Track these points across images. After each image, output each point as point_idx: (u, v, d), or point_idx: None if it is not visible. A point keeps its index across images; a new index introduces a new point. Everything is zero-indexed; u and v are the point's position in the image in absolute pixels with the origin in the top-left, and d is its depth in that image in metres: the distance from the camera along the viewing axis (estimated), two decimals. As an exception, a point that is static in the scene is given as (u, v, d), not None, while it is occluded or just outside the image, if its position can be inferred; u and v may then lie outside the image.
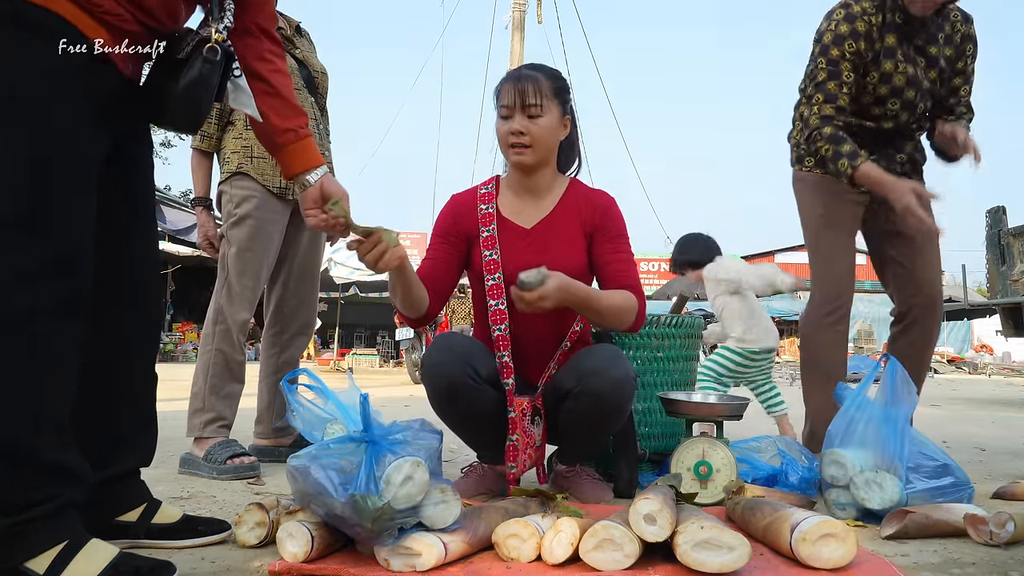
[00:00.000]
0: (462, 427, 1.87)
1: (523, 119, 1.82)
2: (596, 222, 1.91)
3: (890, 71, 2.19)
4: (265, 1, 1.48)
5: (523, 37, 13.21)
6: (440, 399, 1.78)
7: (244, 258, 2.28)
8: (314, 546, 1.24)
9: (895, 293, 2.41)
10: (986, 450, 3.06)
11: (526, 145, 1.83)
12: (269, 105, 1.45)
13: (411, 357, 8.50)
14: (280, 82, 1.47)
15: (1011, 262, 5.60)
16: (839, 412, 1.74)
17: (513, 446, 1.74)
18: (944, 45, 2.28)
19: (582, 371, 1.74)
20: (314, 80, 2.49)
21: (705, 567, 1.19)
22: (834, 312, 2.27)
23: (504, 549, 1.28)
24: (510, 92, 1.83)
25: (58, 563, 1.09)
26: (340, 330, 15.21)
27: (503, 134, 1.85)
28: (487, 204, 1.93)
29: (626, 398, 1.76)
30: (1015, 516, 1.46)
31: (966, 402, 6.46)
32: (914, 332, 2.35)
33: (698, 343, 2.32)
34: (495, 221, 1.90)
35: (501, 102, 1.86)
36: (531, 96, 1.82)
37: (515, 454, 1.74)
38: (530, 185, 1.92)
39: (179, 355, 14.00)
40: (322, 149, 2.46)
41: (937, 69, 2.28)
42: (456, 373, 1.72)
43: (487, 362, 1.79)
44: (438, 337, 1.82)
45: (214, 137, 2.34)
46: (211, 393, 2.26)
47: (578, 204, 1.93)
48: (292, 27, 2.50)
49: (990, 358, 16.61)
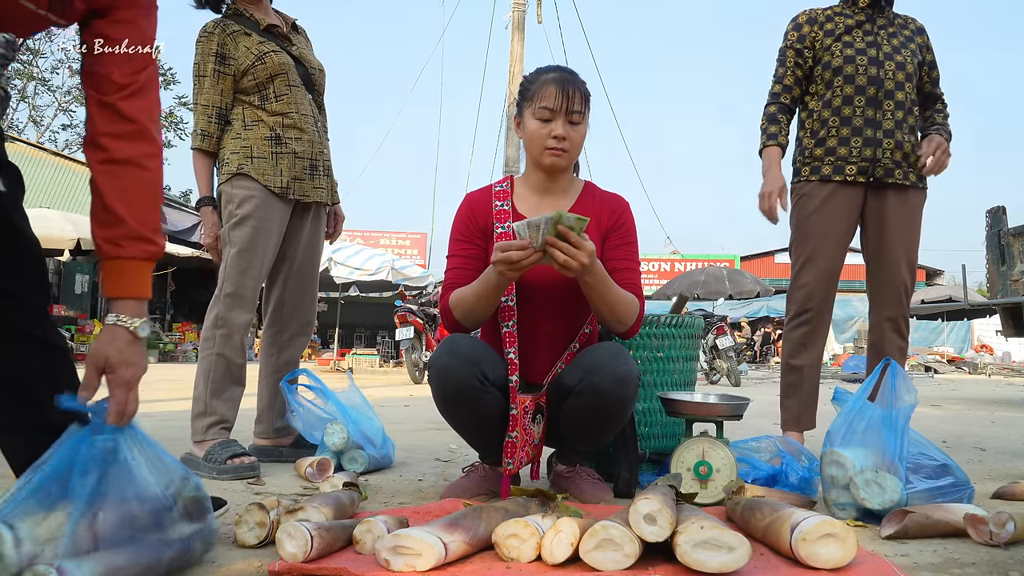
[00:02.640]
0: (467, 429, 1.87)
1: (565, 124, 1.83)
2: (611, 225, 1.94)
3: (829, 59, 2.52)
4: (124, 59, 1.19)
5: (523, 37, 13.21)
6: (446, 401, 1.78)
7: (245, 258, 2.28)
8: (314, 546, 1.24)
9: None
10: (986, 450, 3.05)
11: (564, 150, 1.85)
12: (94, 200, 1.20)
13: (411, 357, 8.49)
14: (105, 184, 1.18)
15: (1011, 262, 5.59)
16: (840, 412, 1.75)
17: (512, 443, 1.74)
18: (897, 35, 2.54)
19: (586, 368, 1.75)
20: (311, 77, 2.48)
21: (705, 567, 1.19)
22: (799, 316, 2.53)
23: (504, 549, 1.28)
24: (556, 96, 1.82)
25: None
26: (340, 330, 15.20)
27: (541, 135, 1.84)
28: (502, 201, 1.94)
29: (629, 396, 1.76)
30: (1015, 516, 1.46)
31: (966, 402, 6.46)
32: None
33: (698, 343, 2.33)
34: (511, 219, 1.90)
35: (542, 103, 1.83)
36: (577, 103, 1.83)
37: (512, 451, 1.74)
38: (552, 186, 1.94)
39: (179, 355, 13.99)
40: (321, 147, 2.46)
41: (892, 48, 2.51)
42: (463, 376, 1.72)
43: (494, 364, 1.78)
44: (445, 339, 1.81)
45: (215, 137, 2.33)
46: (212, 397, 2.26)
47: (594, 206, 1.95)
48: (288, 24, 2.49)
49: (990, 358, 16.60)
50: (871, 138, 2.46)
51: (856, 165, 2.48)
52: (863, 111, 2.47)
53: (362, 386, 2.71)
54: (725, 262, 21.44)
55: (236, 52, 2.30)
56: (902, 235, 2.48)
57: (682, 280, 13.42)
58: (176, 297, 17.15)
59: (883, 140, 2.46)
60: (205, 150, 2.32)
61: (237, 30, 2.32)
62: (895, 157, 2.46)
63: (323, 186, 2.46)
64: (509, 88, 13.07)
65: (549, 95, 1.82)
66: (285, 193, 2.34)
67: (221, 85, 2.30)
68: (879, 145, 2.46)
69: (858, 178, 2.48)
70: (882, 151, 2.46)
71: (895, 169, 2.47)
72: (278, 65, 2.33)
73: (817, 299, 2.51)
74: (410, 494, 1.96)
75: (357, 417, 2.31)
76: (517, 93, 1.93)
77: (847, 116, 2.49)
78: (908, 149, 2.48)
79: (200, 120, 2.30)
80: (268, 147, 2.33)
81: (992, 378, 13.27)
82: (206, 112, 2.30)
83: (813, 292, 2.51)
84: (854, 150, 2.48)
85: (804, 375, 2.53)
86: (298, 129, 2.37)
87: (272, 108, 2.34)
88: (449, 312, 1.84)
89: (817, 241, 2.51)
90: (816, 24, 2.57)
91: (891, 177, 2.47)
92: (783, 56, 2.60)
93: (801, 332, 2.53)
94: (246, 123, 2.34)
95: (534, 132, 1.85)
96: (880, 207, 2.50)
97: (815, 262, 2.51)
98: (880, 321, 2.53)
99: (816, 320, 2.52)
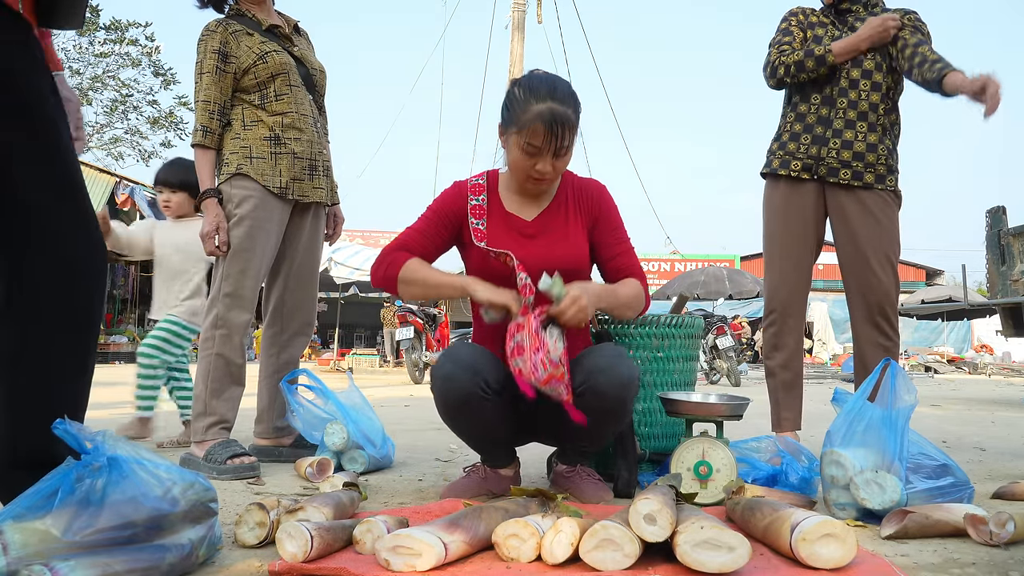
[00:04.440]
0: (469, 435, 1.87)
1: (550, 159, 1.80)
2: (595, 212, 1.95)
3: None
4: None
5: (523, 37, 13.23)
6: (450, 410, 1.79)
7: (244, 258, 2.28)
8: (313, 546, 1.24)
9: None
10: (986, 450, 3.05)
11: (547, 180, 1.85)
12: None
13: (411, 357, 8.49)
14: None
15: (1011, 262, 5.59)
16: (839, 412, 1.75)
17: (519, 345, 1.66)
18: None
19: (587, 370, 1.75)
20: (312, 78, 2.49)
21: (705, 567, 1.19)
22: (767, 317, 2.59)
23: (504, 549, 1.28)
24: (545, 138, 1.76)
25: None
26: (340, 330, 15.20)
27: (525, 167, 1.82)
28: (477, 196, 1.94)
29: (629, 397, 1.77)
30: (1015, 516, 1.46)
31: (966, 402, 6.46)
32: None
33: (698, 343, 2.32)
34: (485, 216, 1.91)
35: (529, 139, 1.76)
36: (565, 140, 1.78)
37: (519, 351, 1.66)
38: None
39: (179, 355, 13.93)
40: (320, 147, 2.46)
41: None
42: (467, 385, 1.72)
43: (496, 371, 1.78)
44: (447, 349, 1.82)
45: (216, 133, 2.33)
46: (212, 397, 2.26)
47: (574, 194, 1.97)
48: (290, 26, 2.50)
49: (990, 358, 16.61)
50: (819, 136, 2.48)
51: (801, 161, 2.50)
52: (817, 109, 2.50)
53: (362, 386, 2.71)
54: (725, 262, 21.42)
55: (238, 51, 2.31)
56: (866, 236, 2.45)
57: (682, 280, 13.43)
58: (176, 297, 17.10)
59: (830, 139, 2.46)
60: (206, 146, 2.32)
61: (239, 29, 2.33)
62: (842, 157, 2.46)
63: (322, 186, 2.46)
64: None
65: (537, 134, 1.75)
66: (284, 193, 2.34)
67: (222, 83, 2.30)
68: (825, 144, 2.47)
69: (802, 175, 2.50)
70: (827, 150, 2.47)
71: (840, 169, 2.46)
72: (279, 65, 2.34)
73: (780, 299, 2.53)
74: (410, 494, 1.96)
75: (357, 417, 2.31)
76: (503, 104, 1.86)
77: (802, 113, 2.53)
78: (861, 149, 2.45)
79: (201, 116, 2.31)
80: (267, 147, 2.33)
81: (992, 378, 13.27)
82: (207, 108, 2.30)
83: (775, 293, 2.54)
84: (802, 146, 2.50)
85: (777, 376, 2.55)
86: (297, 129, 2.37)
87: (272, 108, 2.34)
88: (393, 268, 1.82)
89: (777, 243, 2.55)
90: (805, 16, 2.62)
91: (835, 177, 2.47)
92: (786, 30, 2.59)
93: (770, 333, 2.56)
94: (245, 123, 2.34)
95: (518, 161, 1.82)
96: (841, 210, 2.50)
97: (776, 264, 2.55)
98: (858, 326, 2.51)
99: (781, 321, 2.54)
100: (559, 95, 1.78)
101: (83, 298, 1.31)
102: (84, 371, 1.34)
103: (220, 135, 2.34)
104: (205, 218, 2.30)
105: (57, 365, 1.29)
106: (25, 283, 1.26)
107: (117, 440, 1.14)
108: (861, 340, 2.51)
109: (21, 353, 1.27)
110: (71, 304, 1.29)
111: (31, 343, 1.27)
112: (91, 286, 1.32)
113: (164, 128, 22.34)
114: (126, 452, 1.14)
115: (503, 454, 1.90)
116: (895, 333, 2.49)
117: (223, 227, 2.28)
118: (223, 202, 2.32)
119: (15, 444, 1.27)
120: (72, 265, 1.29)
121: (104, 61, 21.17)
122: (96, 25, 20.23)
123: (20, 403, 1.27)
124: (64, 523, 1.05)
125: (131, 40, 20.79)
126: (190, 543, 1.20)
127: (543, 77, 1.84)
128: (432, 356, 8.88)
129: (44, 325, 1.27)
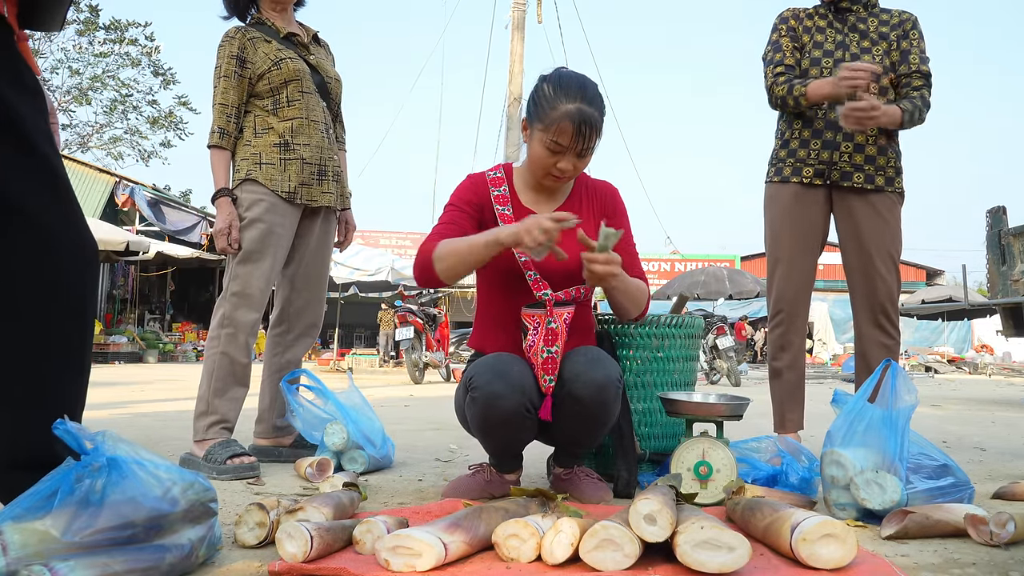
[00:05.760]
0: (497, 447, 1.84)
1: (573, 159, 1.81)
2: (607, 213, 1.97)
3: (809, 48, 2.54)
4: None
5: (523, 37, 13.21)
6: (489, 426, 1.74)
7: (253, 259, 2.30)
8: (313, 546, 1.24)
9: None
10: (986, 450, 3.05)
11: (566, 178, 1.86)
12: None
13: (411, 357, 8.49)
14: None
15: (1011, 262, 5.59)
16: (840, 413, 1.75)
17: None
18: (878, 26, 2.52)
19: (565, 376, 1.75)
20: (327, 86, 2.52)
21: (705, 567, 1.19)
22: (774, 318, 2.59)
23: (504, 549, 1.28)
24: (572, 138, 1.76)
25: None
26: (340, 330, 15.21)
27: (546, 163, 1.81)
28: (498, 188, 1.94)
29: (609, 400, 1.75)
30: (1015, 516, 1.46)
31: (966, 402, 6.46)
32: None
33: (698, 343, 2.33)
34: (509, 204, 1.91)
35: (556, 137, 1.76)
36: (590, 142, 1.79)
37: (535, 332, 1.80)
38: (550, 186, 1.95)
39: (179, 355, 13.98)
40: (330, 153, 2.49)
41: (869, 41, 2.51)
42: (515, 406, 1.69)
43: (536, 388, 1.77)
44: (489, 361, 1.76)
45: (232, 135, 2.36)
46: (215, 396, 2.27)
47: (588, 193, 1.99)
48: (309, 35, 2.54)
49: (990, 358, 16.63)
50: (829, 141, 2.46)
51: (813, 167, 2.49)
52: (825, 114, 2.47)
53: (362, 386, 2.71)
54: (725, 262, 21.44)
55: (255, 57, 2.35)
56: (873, 237, 2.46)
57: (682, 280, 13.44)
58: (176, 297, 17.17)
59: (841, 143, 2.45)
60: (222, 147, 2.35)
61: (257, 36, 2.38)
62: (854, 160, 2.45)
63: (331, 191, 2.48)
64: (509, 88, 13.07)
65: (565, 133, 1.76)
66: (292, 198, 2.37)
67: (239, 87, 2.35)
68: (836, 148, 2.46)
69: (815, 180, 2.49)
70: (839, 154, 2.46)
71: (853, 173, 2.46)
72: (293, 71, 2.37)
73: (787, 300, 2.53)
74: (410, 494, 1.96)
75: (357, 417, 2.31)
76: (531, 99, 1.86)
77: (809, 118, 2.51)
78: (872, 152, 2.45)
79: (219, 119, 2.34)
80: (277, 154, 2.36)
81: (992, 378, 13.28)
82: (224, 111, 2.34)
83: (783, 294, 2.54)
84: (812, 152, 2.49)
85: (784, 376, 2.55)
86: (307, 135, 2.40)
87: (284, 113, 2.38)
88: (426, 255, 1.76)
89: (784, 244, 2.54)
90: (798, 20, 2.58)
91: (848, 181, 2.46)
92: (776, 45, 2.56)
93: (777, 333, 2.56)
94: (256, 131, 2.38)
95: (540, 157, 1.82)
96: (848, 212, 2.50)
97: (783, 265, 2.54)
98: (862, 327, 2.52)
99: (789, 322, 2.54)
100: (588, 96, 1.79)
101: (76, 296, 1.31)
102: (81, 370, 1.34)
103: (237, 136, 2.38)
104: (218, 216, 2.33)
105: (54, 365, 1.29)
106: (17, 284, 1.26)
107: (117, 440, 1.14)
108: (864, 340, 2.51)
109: (17, 353, 1.26)
110: (65, 303, 1.29)
111: (26, 343, 1.27)
112: (83, 283, 1.32)
113: (164, 128, 22.36)
114: (126, 452, 1.14)
115: (515, 461, 1.90)
116: (897, 332, 2.51)
117: (235, 225, 2.30)
118: (235, 204, 2.33)
119: (14, 444, 1.27)
120: (62, 263, 1.29)
121: (104, 61, 21.20)
122: (96, 25, 20.25)
123: (18, 403, 1.27)
124: (64, 523, 1.05)
125: (131, 40, 20.83)
126: (190, 543, 1.19)
127: (573, 76, 1.84)
128: (432, 356, 8.88)
129: (39, 325, 1.27)
